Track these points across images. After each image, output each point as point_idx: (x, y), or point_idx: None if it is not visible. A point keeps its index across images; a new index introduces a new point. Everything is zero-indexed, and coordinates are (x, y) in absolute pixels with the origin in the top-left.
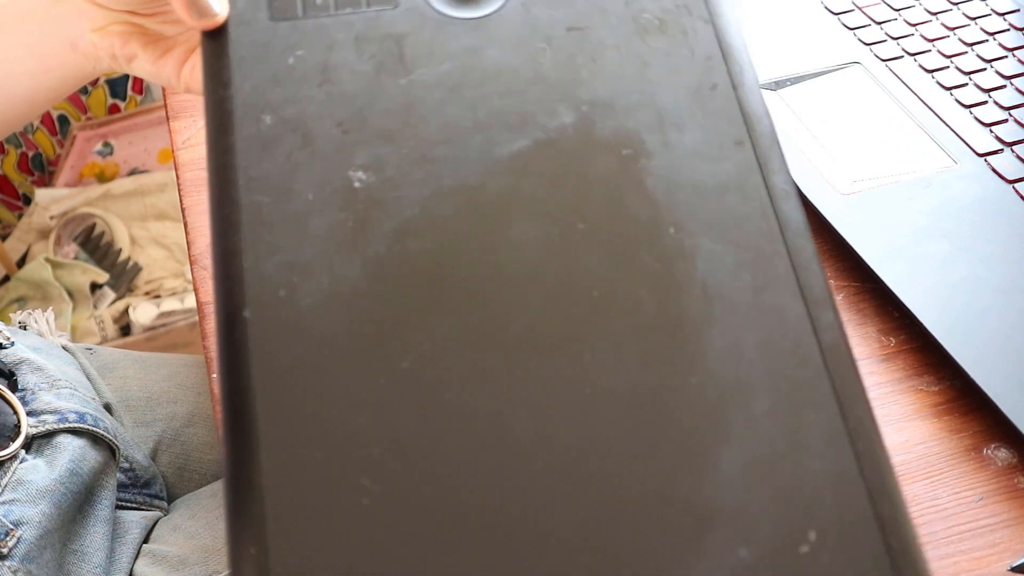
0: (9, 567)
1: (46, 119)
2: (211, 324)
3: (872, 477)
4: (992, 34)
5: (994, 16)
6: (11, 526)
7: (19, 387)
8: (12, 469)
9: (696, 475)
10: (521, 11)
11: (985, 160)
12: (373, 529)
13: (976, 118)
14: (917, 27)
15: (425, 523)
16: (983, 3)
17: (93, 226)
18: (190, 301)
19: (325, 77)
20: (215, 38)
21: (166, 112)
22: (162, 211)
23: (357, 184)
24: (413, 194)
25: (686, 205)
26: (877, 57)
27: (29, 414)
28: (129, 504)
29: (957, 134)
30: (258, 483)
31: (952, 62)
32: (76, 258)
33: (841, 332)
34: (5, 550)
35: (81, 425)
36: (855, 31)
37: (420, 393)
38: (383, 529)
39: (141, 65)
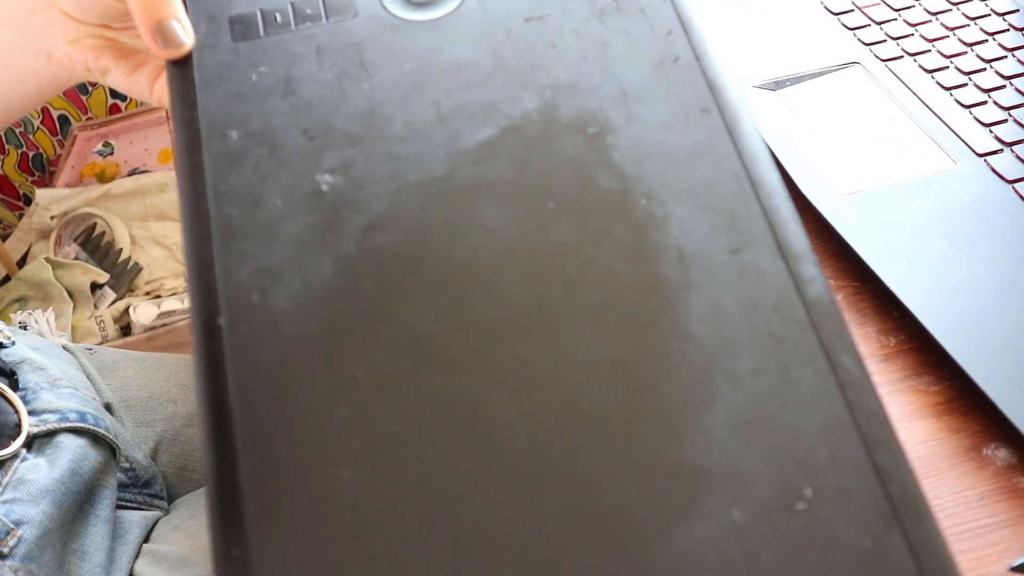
0: (10, 566)
1: (46, 119)
2: None
3: (867, 427)
4: (992, 34)
5: (994, 16)
6: (12, 525)
7: (20, 386)
8: (13, 468)
9: (683, 439)
10: (478, 8)
11: (985, 160)
12: (356, 521)
13: (976, 118)
14: (917, 27)
15: (409, 511)
16: (983, 3)
17: (93, 226)
18: None
19: (288, 89)
20: (180, 63)
21: (166, 112)
22: (162, 211)
23: (325, 187)
24: (380, 191)
25: (656, 175)
26: (877, 57)
27: (30, 413)
28: (129, 504)
29: (957, 134)
30: (237, 485)
31: (952, 62)
32: (76, 258)
33: (823, 285)
34: (6, 549)
35: (82, 424)
36: (855, 31)
37: (397, 382)
38: (366, 520)
39: (115, 79)
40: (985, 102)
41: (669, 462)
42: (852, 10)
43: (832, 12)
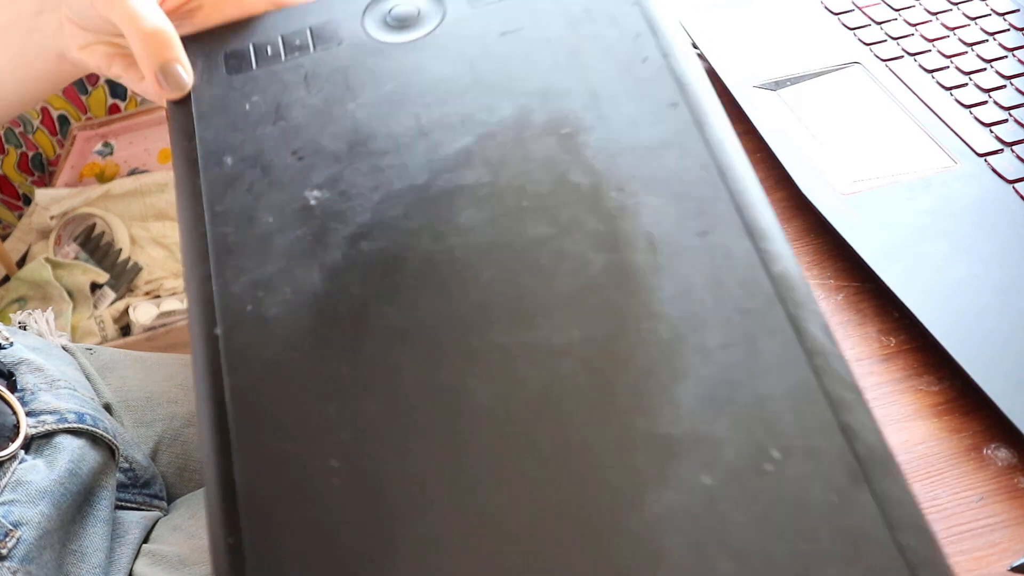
0: (9, 568)
1: (46, 119)
2: None
3: (833, 390)
4: (992, 34)
5: (994, 16)
6: (10, 527)
7: (18, 387)
8: (11, 470)
9: (655, 412)
10: (455, 28)
11: (985, 160)
12: (345, 507)
13: (976, 118)
14: (917, 27)
15: (394, 493)
16: (983, 3)
17: (93, 226)
18: None
19: (279, 115)
20: (178, 104)
21: (166, 112)
22: (162, 211)
23: (313, 202)
24: (365, 202)
25: (627, 168)
26: (877, 57)
27: (28, 414)
28: (129, 504)
29: (957, 134)
30: (231, 479)
31: (952, 62)
32: (76, 258)
33: (790, 259)
34: (4, 551)
35: (80, 425)
36: (855, 31)
37: (381, 377)
38: (354, 505)
39: (126, 83)
40: (985, 102)
41: (642, 433)
42: (852, 10)
43: (832, 12)
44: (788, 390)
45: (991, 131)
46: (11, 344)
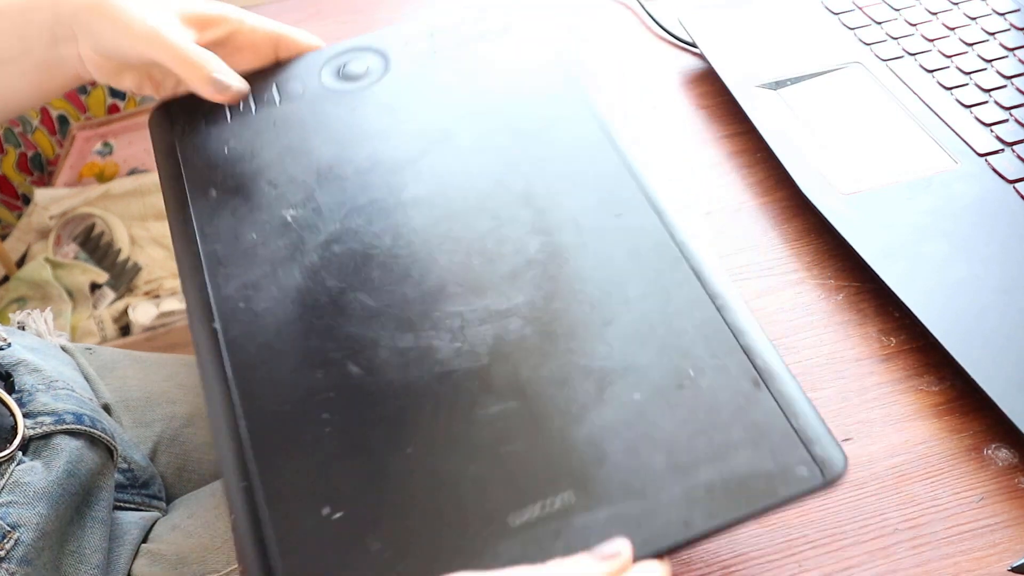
0: (7, 569)
1: (46, 119)
2: None
3: (733, 321)
4: (992, 34)
5: (994, 16)
6: (8, 528)
7: (16, 388)
8: (9, 471)
9: (591, 350)
10: (397, 79)
11: (985, 160)
12: (336, 447)
13: (976, 118)
14: (917, 27)
15: (376, 434)
16: (983, 3)
17: (93, 226)
18: None
19: (253, 155)
20: (166, 149)
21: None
22: (162, 211)
23: (289, 219)
24: (334, 215)
25: (551, 173)
26: (877, 57)
27: (26, 416)
28: (127, 505)
29: (957, 134)
30: (240, 436)
31: (952, 62)
32: (76, 258)
33: (693, 230)
34: (3, 552)
35: (78, 426)
36: (855, 31)
37: (359, 346)
38: (344, 445)
39: (158, 98)
40: (986, 102)
41: (581, 367)
42: (852, 9)
43: (832, 12)
44: (697, 324)
45: (991, 131)
46: (9, 345)
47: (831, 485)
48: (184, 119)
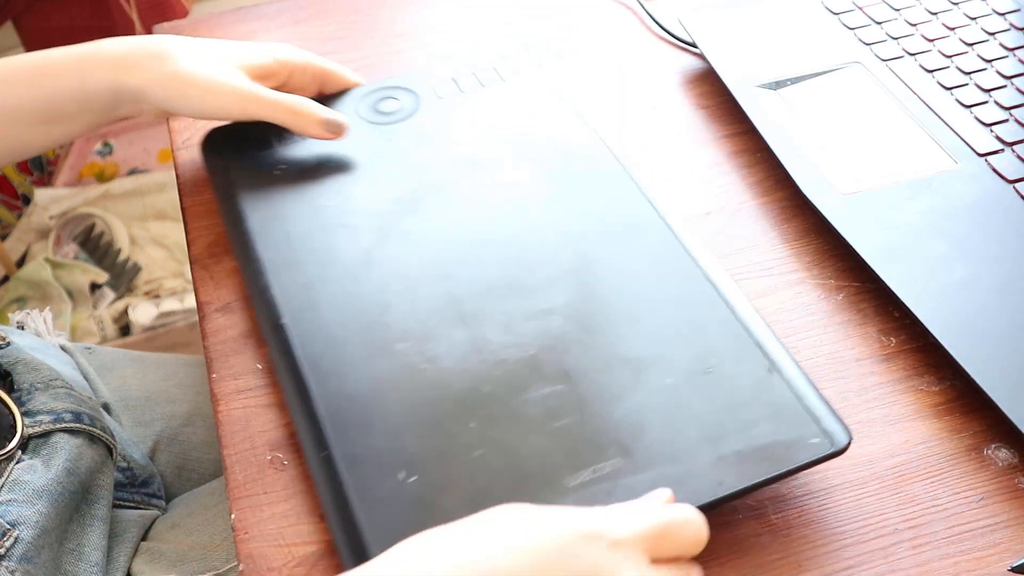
0: (7, 567)
1: None
2: (210, 324)
3: (744, 318)
4: (992, 34)
5: (994, 16)
6: (8, 526)
7: (15, 387)
8: (8, 470)
9: (624, 343)
10: (428, 115)
11: (985, 160)
12: (406, 422)
13: (976, 118)
14: (917, 27)
15: (441, 415)
16: (983, 3)
17: (92, 226)
18: (189, 301)
19: (302, 178)
20: (219, 169)
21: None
22: (162, 211)
23: (341, 227)
24: (378, 226)
25: (577, 196)
26: (877, 57)
27: (25, 414)
28: (127, 503)
29: (957, 134)
30: (316, 413)
31: (952, 62)
32: (76, 258)
33: (697, 240)
34: (2, 550)
35: (77, 425)
36: (855, 31)
37: (419, 339)
38: (413, 421)
39: None
40: (986, 102)
41: (618, 357)
42: (852, 10)
43: (832, 12)
44: (714, 321)
45: (991, 131)
46: (8, 344)
47: (839, 453)
48: (234, 143)
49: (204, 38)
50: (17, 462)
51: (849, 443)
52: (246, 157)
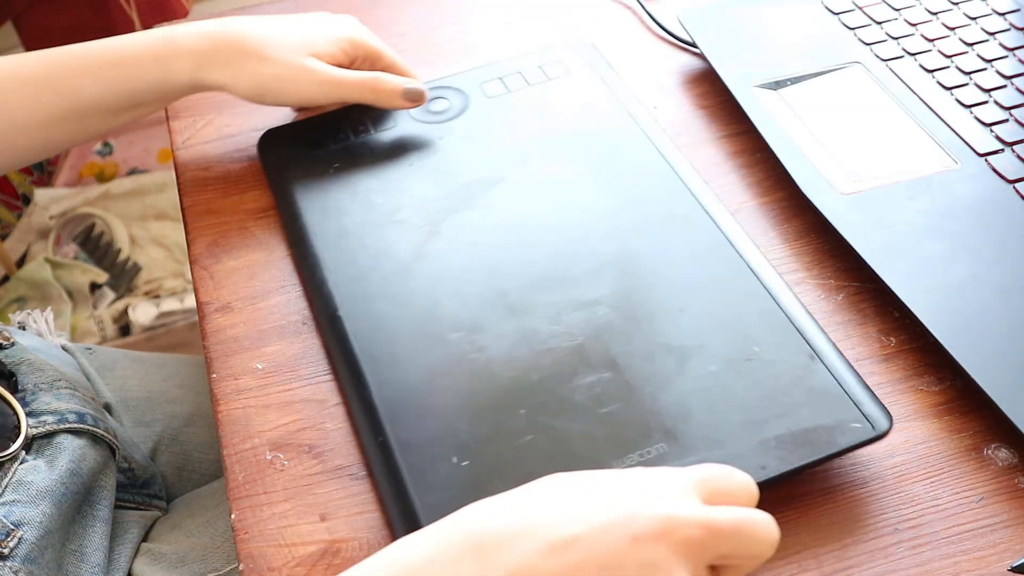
0: (10, 567)
1: None
2: (210, 324)
3: (787, 309)
4: (992, 34)
5: (994, 16)
6: (12, 527)
7: (19, 388)
8: (12, 470)
9: (669, 332)
10: (476, 113)
11: (986, 160)
12: (458, 408)
13: (976, 118)
14: (917, 27)
15: (492, 401)
16: (983, 3)
17: (92, 226)
18: (190, 301)
19: (355, 175)
20: (277, 168)
21: (166, 112)
22: (162, 211)
23: (394, 223)
24: (430, 221)
25: (620, 190)
26: (877, 57)
27: (29, 415)
28: (128, 504)
29: (957, 134)
30: (372, 400)
31: (952, 62)
32: (76, 258)
33: (740, 230)
34: (6, 551)
35: (81, 425)
36: (855, 31)
37: (470, 329)
38: (465, 407)
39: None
40: (986, 102)
41: (662, 345)
42: (852, 9)
43: (833, 12)
44: (757, 312)
45: (991, 131)
46: (12, 345)
47: (880, 438)
48: (290, 143)
49: (275, 17)
50: (21, 463)
51: (891, 427)
52: (301, 156)
